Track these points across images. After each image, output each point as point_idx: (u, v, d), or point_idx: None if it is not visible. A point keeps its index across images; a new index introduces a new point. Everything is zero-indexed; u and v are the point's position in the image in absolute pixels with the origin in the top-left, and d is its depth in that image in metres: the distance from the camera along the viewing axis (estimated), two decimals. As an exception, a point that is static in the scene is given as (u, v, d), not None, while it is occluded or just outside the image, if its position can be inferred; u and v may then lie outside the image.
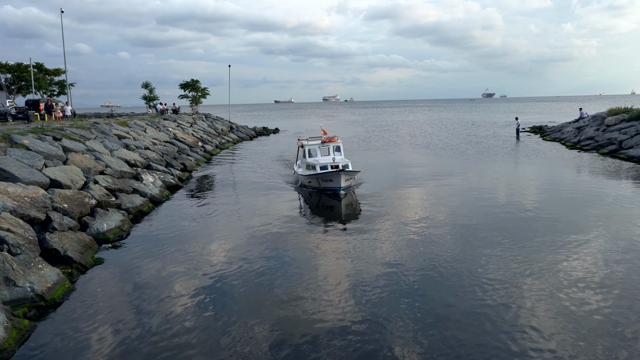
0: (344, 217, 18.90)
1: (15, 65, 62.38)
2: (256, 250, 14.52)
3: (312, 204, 21.30)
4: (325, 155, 24.78)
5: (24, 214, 13.39)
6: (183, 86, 69.20)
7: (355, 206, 20.32)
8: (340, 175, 21.41)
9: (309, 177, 22.86)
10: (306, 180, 23.42)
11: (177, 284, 11.99)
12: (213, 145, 43.86)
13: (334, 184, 21.86)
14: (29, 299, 10.40)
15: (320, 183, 22.32)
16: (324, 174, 21.74)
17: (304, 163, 24.89)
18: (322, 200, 21.56)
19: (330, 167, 22.95)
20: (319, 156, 24.54)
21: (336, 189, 21.87)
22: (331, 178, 21.70)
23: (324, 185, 22.28)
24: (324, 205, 21.02)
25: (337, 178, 21.59)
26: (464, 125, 71.23)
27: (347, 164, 23.42)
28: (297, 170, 26.25)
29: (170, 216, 19.15)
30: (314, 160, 24.06)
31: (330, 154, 24.78)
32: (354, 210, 19.69)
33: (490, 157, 34.80)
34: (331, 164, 23.08)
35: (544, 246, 14.13)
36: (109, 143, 26.42)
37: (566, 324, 9.48)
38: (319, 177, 22.06)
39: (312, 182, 22.85)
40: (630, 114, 38.22)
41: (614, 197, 20.70)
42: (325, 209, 20.43)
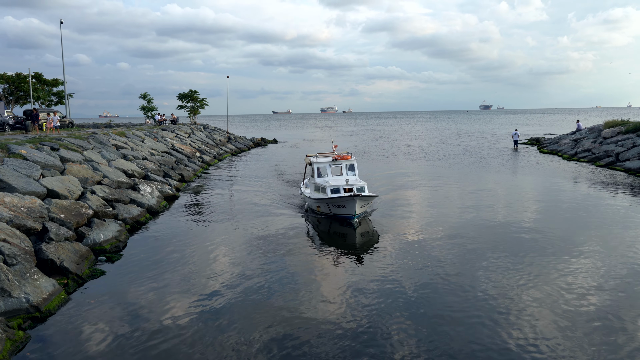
0: (347, 239, 17.28)
1: (13, 76, 62.54)
2: (254, 265, 14.45)
3: (316, 228, 18.81)
4: (336, 175, 21.72)
5: (21, 224, 13.33)
6: (181, 97, 69.37)
7: (372, 234, 17.57)
8: (355, 202, 18.12)
9: (318, 201, 19.69)
10: (314, 204, 20.25)
11: (173, 297, 11.91)
12: (211, 155, 43.88)
13: (347, 211, 18.66)
14: (24, 310, 10.32)
15: (331, 209, 19.25)
16: (336, 198, 18.54)
17: (312, 183, 21.78)
18: (327, 226, 18.92)
19: (343, 190, 19.52)
20: (329, 176, 21.47)
21: (350, 216, 18.64)
22: (344, 204, 18.52)
23: (335, 211, 19.21)
24: (326, 229, 18.57)
25: (352, 204, 18.33)
26: (461, 137, 71.43)
27: (362, 187, 19.88)
28: (304, 191, 23.06)
29: (168, 227, 19.08)
30: (323, 181, 20.84)
31: (343, 173, 21.82)
32: (365, 236, 17.43)
33: (487, 169, 34.87)
34: (344, 187, 19.57)
35: (542, 261, 14.10)
36: (107, 153, 26.41)
37: (565, 340, 9.44)
38: (330, 202, 18.95)
39: (322, 207, 19.73)
40: (627, 126, 38.44)
41: (612, 209, 20.74)
42: (330, 233, 18.20)
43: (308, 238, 17.49)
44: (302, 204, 23.14)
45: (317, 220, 19.75)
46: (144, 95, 67.62)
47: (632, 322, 10.03)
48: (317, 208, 20.20)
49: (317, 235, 17.99)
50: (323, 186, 20.07)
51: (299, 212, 21.64)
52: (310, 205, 21.14)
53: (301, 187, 24.44)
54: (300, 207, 22.63)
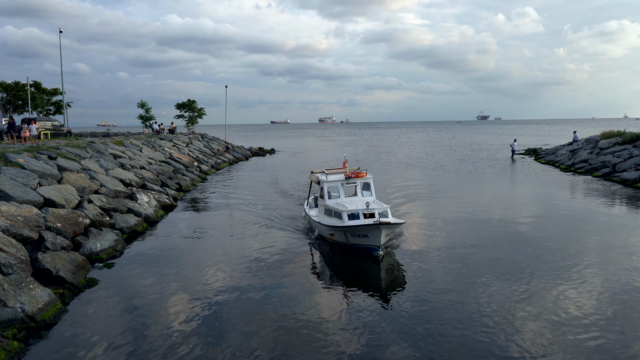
0: (369, 276, 14.43)
1: (12, 84, 62.61)
2: (251, 274, 14.41)
3: (329, 259, 16.18)
4: (350, 196, 18.88)
5: (17, 233, 13.28)
6: (180, 106, 69.48)
7: (396, 269, 14.76)
8: (381, 231, 15.27)
9: (332, 228, 16.81)
10: (326, 231, 17.39)
11: (170, 307, 11.85)
12: (209, 165, 43.88)
13: (370, 241, 15.68)
14: (19, 320, 10.24)
15: (348, 238, 16.31)
16: (356, 227, 15.71)
17: (321, 206, 18.64)
18: (343, 257, 16.00)
19: (363, 215, 16.43)
20: (342, 197, 18.31)
21: (373, 248, 15.64)
22: (366, 233, 15.56)
23: (354, 241, 16.21)
24: (341, 261, 15.81)
25: (376, 234, 15.38)
26: (460, 147, 71.59)
27: (385, 211, 16.81)
28: (309, 213, 20.10)
29: (164, 236, 19.02)
30: (336, 204, 17.63)
31: (358, 193, 18.91)
32: (389, 272, 14.65)
33: (485, 179, 34.93)
34: (364, 212, 16.47)
35: (540, 273, 14.10)
36: (105, 162, 26.39)
37: (564, 355, 9.41)
38: (348, 231, 16.07)
39: (337, 235, 16.80)
40: (624, 137, 38.62)
41: (609, 221, 20.77)
42: (346, 266, 15.46)
43: (317, 267, 15.46)
44: (306, 226, 20.46)
45: (331, 250, 16.92)
46: (142, 104, 67.73)
47: (632, 335, 10.00)
48: (330, 236, 17.21)
49: (329, 267, 15.62)
50: (338, 210, 16.97)
51: (303, 234, 19.20)
52: (320, 232, 18.11)
53: (305, 207, 21.72)
54: (304, 229, 19.99)
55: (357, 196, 18.79)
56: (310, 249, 17.32)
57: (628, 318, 10.72)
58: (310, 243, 17.97)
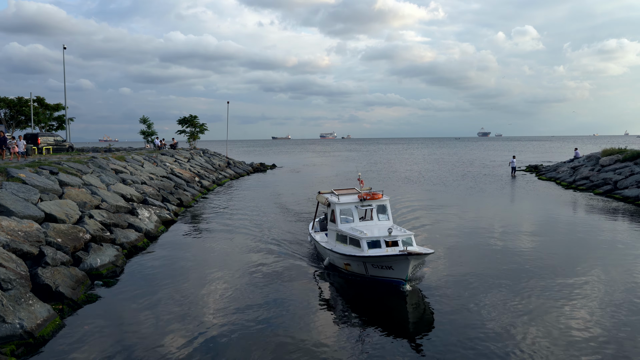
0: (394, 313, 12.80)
1: (15, 100, 63.02)
2: (253, 292, 14.30)
3: (342, 292, 14.46)
4: (365, 220, 16.96)
5: (17, 249, 13.24)
6: (181, 122, 69.74)
7: (421, 304, 13.12)
8: (409, 262, 13.39)
9: (348, 258, 14.88)
10: (340, 260, 15.48)
11: (169, 324, 11.75)
12: (210, 180, 43.91)
13: (394, 274, 13.81)
14: (18, 336, 10.16)
15: (368, 269, 14.43)
16: (381, 258, 13.75)
17: (332, 231, 16.84)
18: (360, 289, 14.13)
19: (385, 243, 14.53)
20: (356, 221, 16.58)
21: (399, 281, 13.81)
22: (391, 264, 13.70)
23: (375, 273, 14.29)
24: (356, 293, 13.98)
25: (403, 266, 13.53)
26: (461, 164, 71.66)
27: (409, 238, 14.91)
28: (315, 238, 18.18)
29: (165, 252, 18.95)
30: (351, 229, 15.80)
31: (374, 217, 16.95)
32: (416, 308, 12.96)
33: (486, 196, 34.89)
34: (385, 239, 14.56)
35: (541, 292, 14.02)
36: (106, 177, 26.42)
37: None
38: (369, 262, 14.17)
39: (353, 265, 14.96)
40: (625, 154, 38.66)
41: (611, 238, 20.70)
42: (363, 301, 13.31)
43: (330, 302, 13.63)
44: (312, 252, 18.67)
45: (345, 283, 15.04)
46: (144, 119, 67.96)
47: (634, 352, 9.91)
48: (345, 266, 15.33)
49: (345, 303, 13.71)
50: (355, 237, 15.04)
51: (310, 261, 17.53)
52: (332, 260, 16.14)
53: (310, 231, 19.74)
54: (310, 255, 18.19)
55: (372, 220, 16.84)
56: (320, 280, 15.50)
57: (629, 334, 10.62)
58: (319, 272, 16.15)
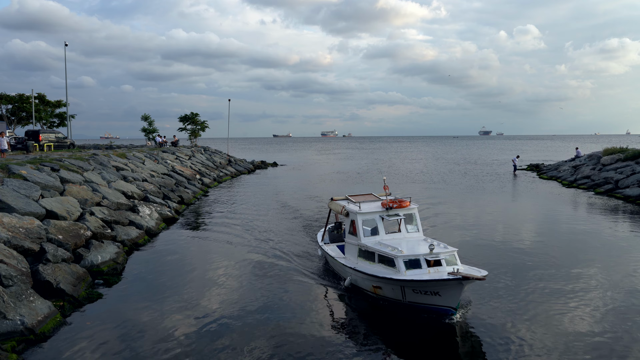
0: None
1: (16, 97, 63.05)
2: (254, 290, 14.31)
3: (370, 319, 12.32)
4: (391, 232, 14.47)
5: (18, 245, 13.25)
6: (182, 119, 69.79)
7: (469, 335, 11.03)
8: (463, 288, 11.32)
9: (379, 280, 12.44)
10: (366, 282, 13.09)
11: (170, 322, 11.75)
12: (211, 178, 43.92)
13: (442, 301, 11.51)
14: (19, 333, 10.18)
15: (406, 294, 12.07)
16: (426, 283, 11.39)
17: (352, 246, 14.47)
18: (391, 316, 12.16)
19: (426, 262, 12.10)
20: (382, 233, 14.12)
21: (446, 309, 11.54)
22: (439, 289, 11.40)
23: (415, 299, 11.97)
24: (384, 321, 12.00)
25: (454, 292, 11.32)
26: (462, 162, 71.62)
27: (453, 256, 12.40)
28: (330, 253, 15.75)
29: (166, 249, 18.96)
30: (379, 244, 13.33)
31: (403, 229, 14.46)
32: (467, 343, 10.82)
33: (487, 195, 34.87)
34: (426, 257, 12.13)
35: (542, 292, 14.01)
36: (107, 174, 26.43)
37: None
38: (410, 286, 11.82)
39: (386, 289, 12.50)
40: (626, 153, 38.62)
41: (613, 237, 20.68)
42: None
43: (355, 333, 11.35)
44: (322, 265, 16.68)
45: (373, 308, 12.73)
46: (145, 117, 67.96)
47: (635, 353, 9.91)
48: (374, 290, 12.89)
49: (376, 335, 11.33)
50: (387, 255, 12.56)
51: (314, 271, 15.98)
52: (354, 281, 13.73)
53: (320, 242, 17.33)
54: (318, 269, 16.26)
55: (400, 233, 14.42)
56: (336, 299, 13.34)
57: (630, 334, 10.62)
58: (334, 291, 13.92)
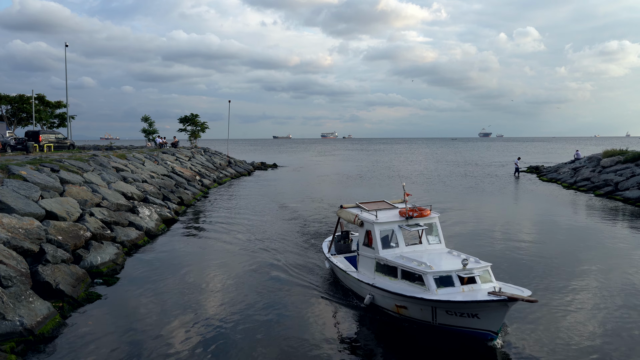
0: None
1: (16, 97, 63.06)
2: (254, 291, 14.30)
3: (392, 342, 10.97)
4: (412, 244, 13.05)
5: (18, 246, 13.24)
6: (182, 120, 69.82)
7: None
8: (507, 309, 10.05)
9: (406, 299, 11.21)
10: (390, 300, 11.79)
11: (169, 323, 11.74)
12: (211, 179, 43.91)
13: (481, 324, 10.29)
14: (18, 333, 10.16)
15: (437, 316, 10.85)
16: (465, 304, 10.20)
17: (368, 259, 13.09)
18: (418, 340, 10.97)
19: (459, 279, 10.93)
20: (402, 245, 12.73)
21: (486, 333, 10.33)
22: (477, 312, 10.21)
23: (448, 321, 10.74)
24: None
25: (496, 314, 10.10)
26: (463, 164, 71.62)
27: (487, 272, 11.23)
28: (339, 265, 14.44)
29: (165, 250, 18.95)
30: (402, 257, 12.09)
31: (424, 241, 13.13)
32: None
33: (487, 197, 34.87)
34: (459, 273, 10.93)
35: (543, 292, 14.01)
36: (107, 175, 26.43)
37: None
38: (443, 307, 10.61)
39: (414, 310, 11.24)
40: (626, 155, 38.64)
41: (612, 239, 20.66)
42: None
43: None
44: (327, 274, 15.68)
45: (389, 327, 11.57)
46: (145, 118, 67.95)
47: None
48: (398, 309, 11.61)
49: None
50: (413, 271, 11.34)
51: (318, 282, 14.90)
52: (373, 299, 12.35)
53: (327, 254, 15.80)
54: (325, 277, 15.37)
55: (421, 245, 13.07)
56: (353, 324, 11.96)
57: (630, 334, 10.62)
58: (352, 313, 12.51)
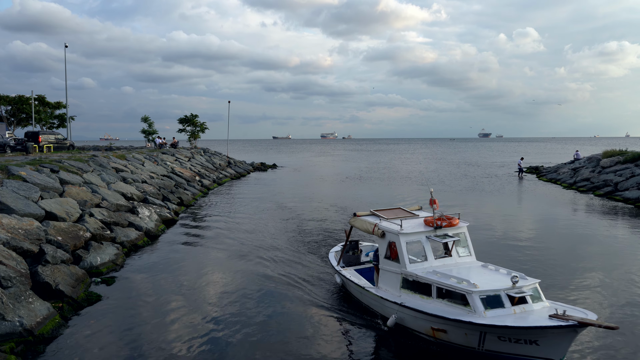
0: None
1: (16, 98, 63.06)
2: (253, 291, 14.30)
3: None
4: (441, 257, 11.87)
5: (17, 246, 13.24)
6: (182, 121, 69.79)
7: None
8: (575, 336, 8.94)
9: (446, 322, 9.85)
10: (423, 321, 10.44)
11: (169, 324, 11.74)
12: (210, 180, 43.91)
13: (541, 352, 9.02)
14: (17, 334, 10.16)
15: (485, 341, 9.51)
16: (526, 330, 8.85)
17: (393, 274, 11.72)
18: None
19: (509, 299, 9.62)
20: (431, 259, 11.47)
21: None
22: (537, 338, 8.96)
23: (499, 348, 9.41)
24: None
25: (559, 341, 8.88)
26: (463, 165, 71.65)
27: (536, 289, 9.98)
28: (356, 281, 12.97)
29: (165, 251, 18.95)
30: (433, 273, 10.77)
31: (454, 253, 11.98)
32: None
33: (487, 197, 34.87)
34: (508, 292, 9.66)
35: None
36: (107, 176, 26.42)
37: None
38: (493, 332, 9.25)
39: (456, 334, 9.85)
40: (625, 156, 38.67)
41: (612, 240, 20.68)
42: None
43: None
44: (340, 291, 14.12)
45: (422, 352, 10.43)
46: (145, 118, 67.92)
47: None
48: (434, 333, 10.30)
49: None
50: (451, 289, 10.08)
51: (326, 296, 13.76)
52: (400, 319, 11.00)
53: (337, 266, 14.30)
54: (336, 293, 13.96)
55: (451, 257, 11.88)
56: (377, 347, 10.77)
57: (632, 330, 10.62)
58: (375, 334, 11.25)
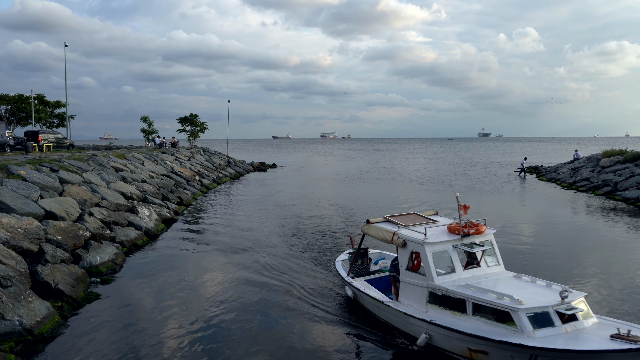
0: None
1: (16, 97, 63.04)
2: (253, 290, 14.31)
3: None
4: (471, 267, 10.98)
5: (17, 246, 13.23)
6: (181, 120, 69.82)
7: None
8: None
9: (487, 343, 8.96)
10: (458, 341, 9.53)
11: (169, 323, 11.74)
12: (210, 179, 43.90)
13: None
14: (17, 333, 10.16)
15: None
16: (579, 354, 7.98)
17: (416, 288, 10.74)
18: None
19: (559, 317, 8.81)
20: (459, 270, 10.58)
21: None
22: None
23: None
24: None
25: None
26: (463, 164, 71.67)
27: (583, 301, 9.23)
28: (371, 294, 11.93)
29: (165, 250, 18.95)
30: (466, 286, 9.87)
31: (484, 264, 11.08)
32: None
33: (486, 196, 34.87)
34: (557, 308, 8.84)
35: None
36: (106, 175, 26.42)
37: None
38: (547, 356, 8.31)
39: (500, 355, 8.90)
40: (625, 155, 38.69)
41: (612, 239, 20.69)
42: None
43: None
44: (350, 303, 13.04)
45: None
46: (145, 118, 67.94)
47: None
48: (472, 354, 9.38)
49: None
50: (492, 306, 9.19)
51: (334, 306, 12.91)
52: (430, 338, 10.00)
53: (347, 277, 13.28)
54: (344, 305, 13.01)
55: (480, 267, 11.02)
56: None
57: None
58: (400, 354, 10.23)
